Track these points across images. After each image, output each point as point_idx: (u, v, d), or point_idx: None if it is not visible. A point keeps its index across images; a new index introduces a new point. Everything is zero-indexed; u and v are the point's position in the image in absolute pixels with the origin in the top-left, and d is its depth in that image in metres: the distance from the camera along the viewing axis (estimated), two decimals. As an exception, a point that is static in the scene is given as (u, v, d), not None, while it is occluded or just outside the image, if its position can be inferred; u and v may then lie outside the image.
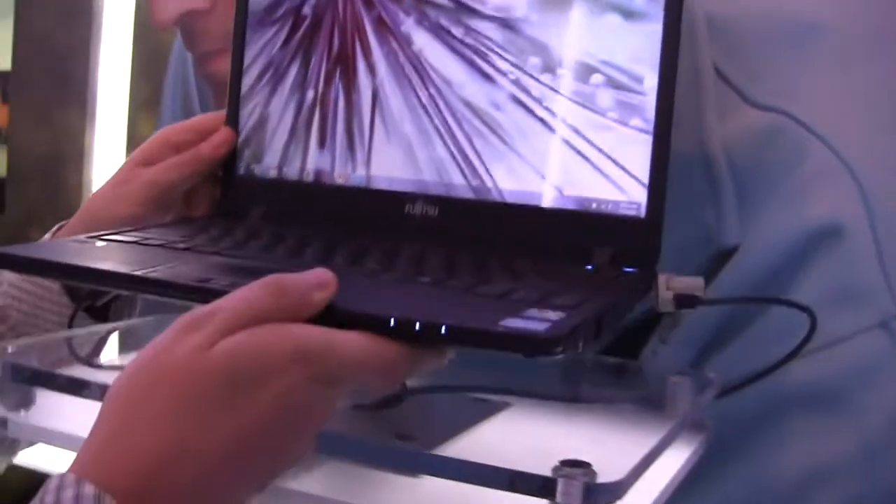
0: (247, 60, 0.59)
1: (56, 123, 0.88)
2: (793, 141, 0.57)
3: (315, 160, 0.57)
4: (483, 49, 0.54)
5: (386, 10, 0.55)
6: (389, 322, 0.36)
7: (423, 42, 0.54)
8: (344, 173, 0.56)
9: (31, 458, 0.57)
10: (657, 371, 0.58)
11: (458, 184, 0.55)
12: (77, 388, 0.46)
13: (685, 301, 0.49)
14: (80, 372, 0.50)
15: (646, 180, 0.51)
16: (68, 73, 0.89)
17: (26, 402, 0.48)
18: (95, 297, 0.60)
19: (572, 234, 0.52)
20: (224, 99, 0.60)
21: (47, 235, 0.60)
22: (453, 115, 0.54)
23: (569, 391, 0.57)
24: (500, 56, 0.54)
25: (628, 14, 0.52)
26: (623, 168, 0.52)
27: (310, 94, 0.57)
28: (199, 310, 0.35)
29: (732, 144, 0.58)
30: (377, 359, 0.36)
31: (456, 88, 0.54)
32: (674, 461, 0.47)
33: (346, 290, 0.38)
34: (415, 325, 0.36)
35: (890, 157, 0.57)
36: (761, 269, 0.57)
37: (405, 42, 0.55)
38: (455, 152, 0.54)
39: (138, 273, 0.44)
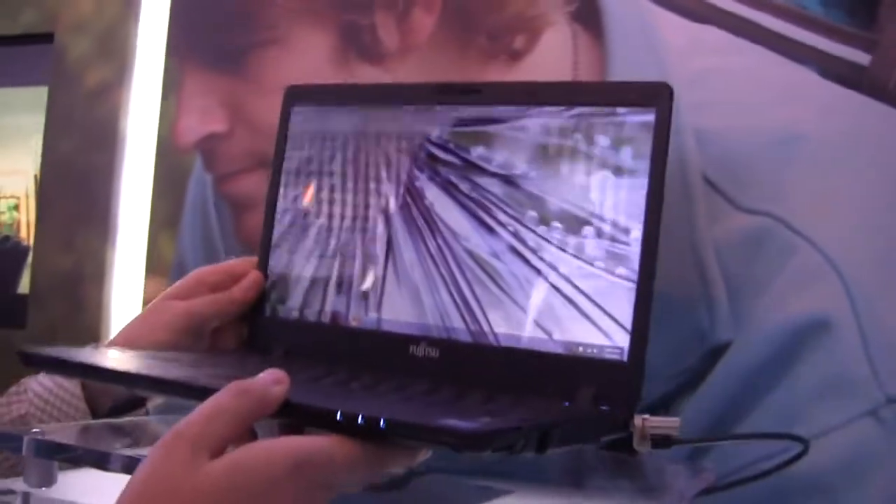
0: (279, 212, 0.66)
1: (78, 242, 0.91)
2: (780, 242, 0.62)
3: (332, 303, 0.63)
4: (486, 203, 0.59)
5: (402, 168, 0.62)
6: (336, 415, 0.39)
7: (434, 196, 0.61)
8: (358, 316, 0.62)
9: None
10: (656, 464, 0.60)
11: (458, 328, 0.59)
12: (100, 461, 0.48)
13: (660, 441, 0.51)
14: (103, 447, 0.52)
15: (629, 326, 0.54)
16: (92, 194, 0.91)
17: (48, 480, 0.50)
18: (118, 412, 0.65)
19: (558, 375, 0.55)
20: (241, 216, 0.65)
21: None
22: (458, 263, 0.60)
23: (570, 480, 0.59)
24: (501, 209, 0.59)
25: (617, 170, 0.56)
26: (608, 314, 0.55)
27: (332, 244, 0.64)
28: (177, 424, 0.38)
29: (723, 247, 0.63)
30: (359, 458, 0.38)
31: (461, 239, 0.59)
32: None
33: (311, 394, 0.44)
34: (357, 418, 0.39)
35: (871, 253, 0.60)
36: (753, 364, 0.61)
37: (419, 196, 0.61)
38: (457, 298, 0.59)
39: (160, 375, 0.49)
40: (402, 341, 0.60)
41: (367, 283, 0.62)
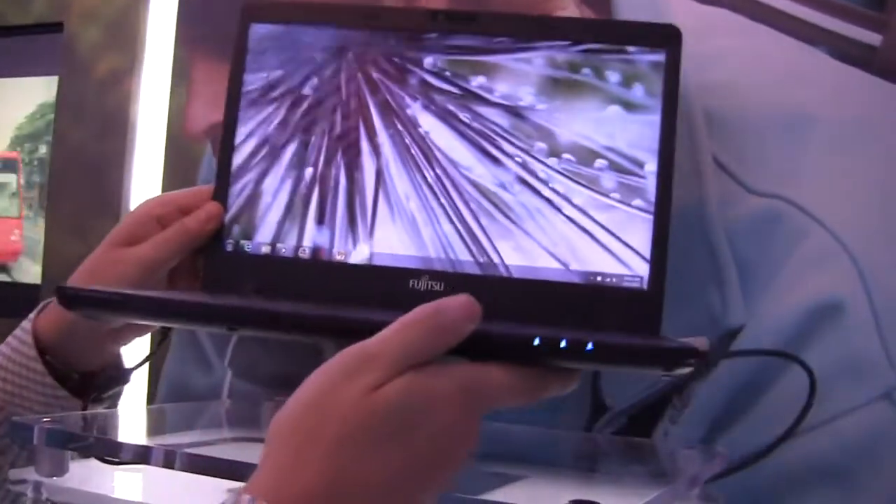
0: (239, 137, 0.58)
1: (89, 231, 0.87)
2: (791, 224, 0.60)
3: (312, 237, 0.56)
4: (490, 133, 0.56)
5: (391, 94, 0.57)
6: (534, 341, 0.38)
7: (430, 125, 0.56)
8: (344, 250, 0.56)
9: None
10: (668, 449, 0.58)
11: (464, 260, 0.54)
12: (112, 450, 0.47)
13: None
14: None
15: (648, 255, 0.53)
16: (102, 182, 0.89)
17: (60, 469, 0.48)
18: (102, 389, 0.57)
19: (577, 305, 0.53)
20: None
21: (31, 316, 0.57)
22: (460, 194, 0.55)
23: (584, 465, 0.57)
24: (507, 140, 0.56)
25: (629, 106, 0.55)
26: (626, 244, 0.54)
27: (308, 173, 0.57)
28: (361, 350, 0.37)
29: (734, 230, 0.61)
30: (523, 385, 0.39)
31: (463, 169, 0.55)
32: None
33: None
34: (559, 342, 0.38)
35: (883, 234, 0.60)
36: (766, 347, 0.59)
37: (411, 124, 0.56)
38: (461, 230, 0.55)
39: (264, 307, 0.44)
40: (400, 275, 0.54)
41: (357, 214, 0.56)
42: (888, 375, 0.57)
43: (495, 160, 0.56)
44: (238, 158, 0.58)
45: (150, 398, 0.81)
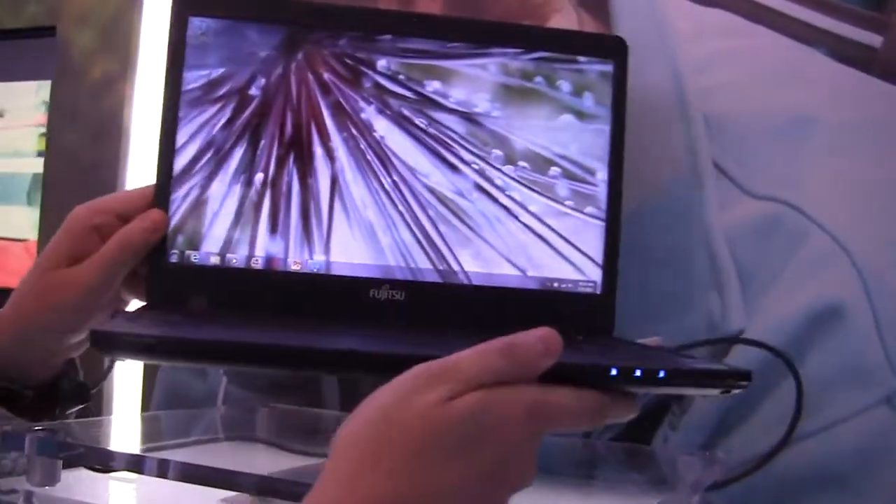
0: (181, 139, 0.54)
1: None
2: (791, 227, 0.60)
3: (265, 246, 0.54)
4: (447, 140, 0.56)
5: (344, 97, 0.55)
6: (610, 371, 0.39)
7: (385, 130, 0.55)
8: (300, 259, 0.54)
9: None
10: (668, 455, 0.58)
11: (423, 268, 0.54)
12: (104, 460, 0.46)
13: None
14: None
15: (600, 261, 0.56)
16: (97, 186, 0.87)
17: (51, 479, 0.46)
18: (63, 405, 0.53)
19: (534, 311, 0.54)
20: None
21: None
22: (418, 201, 0.55)
23: (583, 472, 0.58)
24: (464, 147, 0.56)
25: (580, 115, 0.57)
26: (580, 250, 0.56)
27: (258, 178, 0.54)
28: (436, 365, 0.37)
29: (734, 234, 0.61)
30: (589, 410, 0.39)
31: (420, 176, 0.55)
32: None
33: None
34: (634, 371, 0.39)
35: (884, 237, 0.60)
36: (766, 352, 0.59)
37: (366, 129, 0.55)
38: (420, 237, 0.54)
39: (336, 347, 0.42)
40: (360, 285, 0.53)
41: (312, 222, 0.55)
42: (889, 379, 0.57)
43: (453, 167, 0.55)
44: (180, 162, 0.55)
45: (145, 405, 0.78)
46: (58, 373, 0.54)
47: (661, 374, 0.40)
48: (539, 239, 0.55)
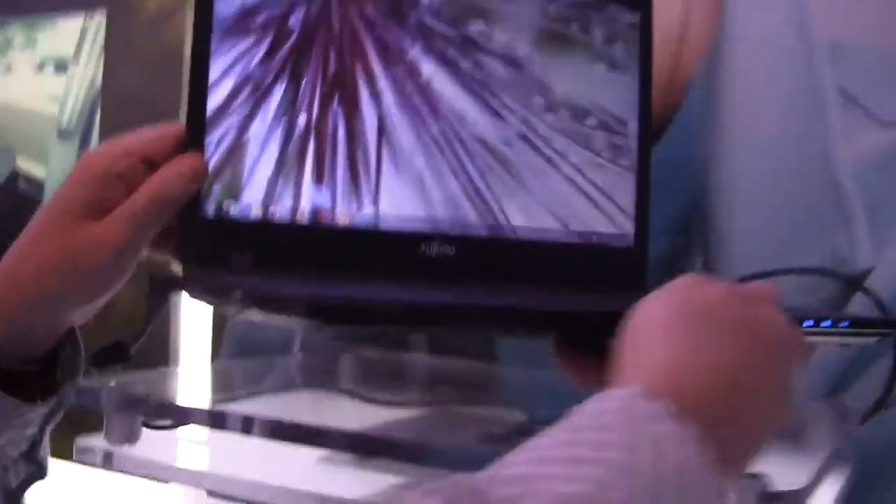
0: (214, 73, 0.48)
1: None
2: None
3: (311, 197, 0.49)
4: (491, 85, 0.53)
5: (388, 33, 0.51)
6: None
7: (432, 72, 0.52)
8: (348, 212, 0.51)
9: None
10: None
11: (472, 222, 0.53)
12: (182, 417, 0.44)
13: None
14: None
15: (632, 214, 0.57)
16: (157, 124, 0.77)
17: (132, 436, 0.43)
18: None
19: (575, 265, 0.55)
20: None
21: None
22: (466, 150, 0.53)
23: None
24: (508, 93, 0.54)
25: (612, 65, 0.56)
26: (615, 203, 0.57)
27: (301, 120, 0.49)
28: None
29: (861, 166, 0.57)
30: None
31: (468, 124, 0.53)
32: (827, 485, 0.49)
33: None
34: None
35: None
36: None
37: (413, 71, 0.52)
38: (469, 189, 0.53)
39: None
40: (411, 240, 0.51)
41: (359, 171, 0.51)
42: None
43: (498, 114, 0.54)
44: (215, 100, 0.48)
45: (215, 353, 0.72)
46: (54, 345, 0.47)
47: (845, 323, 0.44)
48: (579, 191, 0.55)
